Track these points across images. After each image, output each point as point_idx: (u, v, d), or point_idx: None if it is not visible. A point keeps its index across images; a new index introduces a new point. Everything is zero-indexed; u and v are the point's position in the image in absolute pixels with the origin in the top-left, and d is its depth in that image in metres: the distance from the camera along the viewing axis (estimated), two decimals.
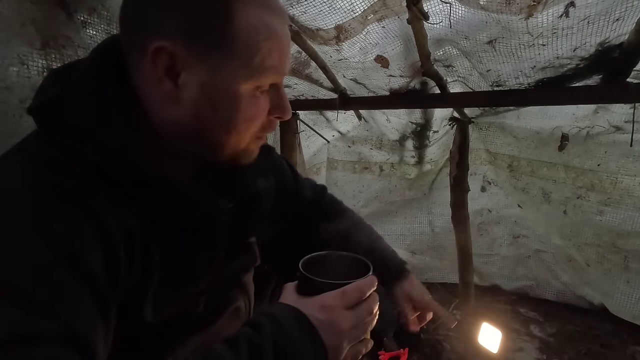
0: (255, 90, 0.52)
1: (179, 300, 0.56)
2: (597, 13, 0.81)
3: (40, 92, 0.53)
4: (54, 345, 0.36)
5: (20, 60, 0.74)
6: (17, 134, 0.74)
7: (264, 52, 0.50)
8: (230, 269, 0.66)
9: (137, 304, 0.50)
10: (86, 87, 0.49)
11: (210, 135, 0.53)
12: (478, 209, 1.78)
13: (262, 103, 0.54)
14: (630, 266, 1.40)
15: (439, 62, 1.14)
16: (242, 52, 0.49)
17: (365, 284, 0.54)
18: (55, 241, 0.41)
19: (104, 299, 0.43)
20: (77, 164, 0.46)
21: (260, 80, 0.52)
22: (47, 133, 0.49)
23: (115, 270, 0.45)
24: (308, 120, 1.82)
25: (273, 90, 0.55)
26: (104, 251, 0.44)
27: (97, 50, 0.54)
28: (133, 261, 0.48)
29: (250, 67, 0.50)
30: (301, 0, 0.93)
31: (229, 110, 0.51)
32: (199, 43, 0.48)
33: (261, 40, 0.49)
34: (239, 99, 0.51)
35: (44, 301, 0.37)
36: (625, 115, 1.26)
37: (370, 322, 0.54)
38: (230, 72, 0.50)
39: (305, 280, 0.55)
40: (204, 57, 0.49)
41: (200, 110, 0.51)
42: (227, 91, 0.50)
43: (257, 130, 0.56)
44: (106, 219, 0.45)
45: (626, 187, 1.32)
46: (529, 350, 1.39)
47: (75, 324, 0.38)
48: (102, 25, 0.89)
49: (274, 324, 0.48)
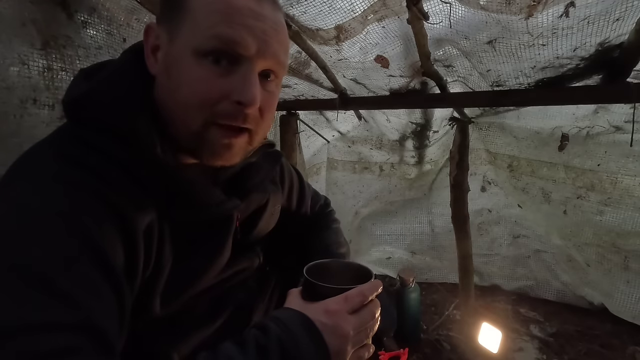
0: (201, 57, 0.50)
1: (186, 295, 0.58)
2: (597, 13, 0.81)
3: (71, 87, 0.55)
4: (71, 334, 0.37)
5: (21, 60, 0.74)
6: (17, 134, 0.75)
7: (213, 19, 0.49)
8: (235, 269, 0.67)
9: (147, 297, 0.51)
10: (114, 86, 0.52)
11: (168, 111, 0.53)
12: (478, 209, 1.78)
13: (210, 74, 0.50)
14: (630, 266, 1.40)
15: (439, 62, 1.14)
16: (194, 18, 0.50)
17: (367, 289, 0.55)
18: (82, 234, 0.42)
19: (122, 293, 0.44)
20: (103, 160, 0.48)
21: (203, 44, 0.49)
22: (74, 128, 0.51)
23: (134, 266, 0.48)
24: (308, 120, 1.82)
25: (236, 71, 0.51)
26: (125, 247, 0.46)
27: (127, 51, 0.58)
28: (149, 256, 0.50)
29: (194, 29, 0.50)
30: (301, 0, 0.93)
31: (177, 78, 0.51)
32: (167, 16, 0.53)
33: (214, 9, 0.50)
34: (185, 64, 0.50)
35: (66, 291, 0.39)
36: (625, 115, 1.26)
37: (373, 326, 0.55)
38: (181, 37, 0.51)
39: (310, 286, 0.56)
40: (167, 28, 0.52)
41: (161, 80, 0.54)
42: (177, 57, 0.51)
43: (211, 113, 0.51)
44: (128, 216, 0.47)
45: (626, 187, 1.32)
46: (529, 350, 1.39)
47: (94, 315, 0.40)
48: (103, 25, 0.89)
49: (280, 328, 0.49)
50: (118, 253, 0.45)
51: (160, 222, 0.52)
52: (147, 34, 0.54)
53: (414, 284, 1.40)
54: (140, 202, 0.49)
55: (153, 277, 0.52)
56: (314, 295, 0.55)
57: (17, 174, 0.47)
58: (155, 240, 0.51)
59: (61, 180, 0.45)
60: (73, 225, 0.42)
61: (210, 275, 0.61)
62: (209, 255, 0.60)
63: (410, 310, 1.39)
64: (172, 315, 0.56)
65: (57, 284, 0.39)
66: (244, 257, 0.70)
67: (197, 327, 0.61)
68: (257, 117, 0.54)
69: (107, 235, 0.44)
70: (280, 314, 0.52)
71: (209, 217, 0.58)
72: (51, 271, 0.39)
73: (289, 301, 0.57)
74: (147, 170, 0.50)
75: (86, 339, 0.38)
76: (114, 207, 0.46)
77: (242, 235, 0.68)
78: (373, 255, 2.02)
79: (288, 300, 0.57)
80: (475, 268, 1.69)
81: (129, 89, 0.52)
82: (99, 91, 0.51)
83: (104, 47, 0.89)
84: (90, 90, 0.51)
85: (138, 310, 0.49)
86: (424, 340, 1.44)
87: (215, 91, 0.50)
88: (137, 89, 0.53)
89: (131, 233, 0.47)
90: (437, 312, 1.65)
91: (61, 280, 0.39)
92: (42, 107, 0.78)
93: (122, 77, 0.53)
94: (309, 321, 0.50)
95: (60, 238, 0.41)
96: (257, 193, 0.70)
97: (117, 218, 0.46)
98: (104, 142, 0.49)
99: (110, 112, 0.50)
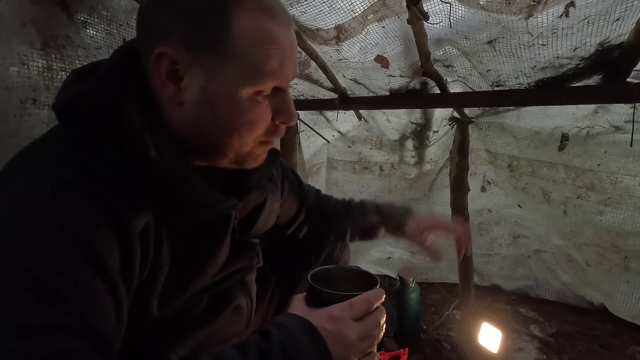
0: (255, 95, 0.52)
1: (184, 296, 0.57)
2: (597, 13, 0.81)
3: (62, 90, 0.55)
4: (70, 337, 0.37)
5: (21, 60, 0.74)
6: (17, 134, 0.75)
7: (261, 57, 0.50)
8: (233, 268, 0.67)
9: (145, 299, 0.51)
10: (105, 87, 0.51)
11: (212, 137, 0.54)
12: (478, 209, 1.78)
13: (264, 108, 0.54)
14: (630, 266, 1.40)
15: (439, 62, 1.14)
16: (239, 57, 0.50)
17: (372, 296, 0.54)
18: (77, 237, 0.42)
19: (120, 295, 0.44)
20: (97, 163, 0.47)
21: (259, 85, 0.52)
22: (67, 130, 0.51)
23: (131, 268, 0.47)
24: (308, 120, 1.82)
25: (277, 95, 0.55)
26: (121, 250, 0.46)
27: (117, 52, 0.57)
28: (146, 258, 0.50)
29: (247, 71, 0.50)
30: (301, 0, 0.93)
31: (229, 114, 0.52)
32: (198, 48, 0.50)
33: (258, 45, 0.50)
34: (237, 102, 0.52)
35: (64, 294, 0.39)
36: (625, 115, 1.25)
37: (378, 334, 0.54)
38: (227, 76, 0.50)
39: (314, 292, 0.56)
40: (203, 61, 0.50)
41: (201, 113, 0.53)
42: (226, 95, 0.51)
43: (261, 135, 0.56)
44: (124, 219, 0.46)
45: (626, 187, 1.32)
46: (529, 350, 1.39)
47: (92, 318, 0.40)
48: (102, 25, 0.89)
49: (283, 333, 0.49)
50: (114, 255, 0.45)
51: (156, 224, 0.51)
52: (160, 61, 0.50)
53: (414, 284, 1.40)
54: (136, 204, 0.48)
55: (150, 280, 0.51)
56: (319, 302, 0.55)
57: (9, 177, 0.47)
58: (152, 242, 0.51)
59: (54, 182, 0.45)
60: (67, 227, 0.42)
61: (209, 275, 0.60)
62: (207, 255, 0.60)
63: (410, 310, 1.39)
64: (170, 316, 0.56)
65: (54, 286, 0.38)
66: (242, 256, 0.69)
67: (195, 327, 0.60)
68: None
69: (102, 237, 0.44)
70: (282, 319, 0.52)
71: (207, 217, 0.58)
72: (47, 274, 0.39)
73: (292, 307, 0.57)
74: (142, 172, 0.50)
75: (84, 340, 0.38)
76: (108, 209, 0.45)
77: (240, 234, 0.68)
78: (373, 255, 2.02)
79: (292, 306, 0.57)
80: (475, 268, 1.69)
81: (123, 91, 0.51)
82: (91, 93, 0.51)
83: (104, 47, 0.89)
84: (83, 91, 0.51)
85: (135, 312, 0.49)
86: (424, 340, 1.44)
87: (267, 119, 0.55)
88: (130, 90, 0.52)
89: (127, 235, 0.46)
90: (437, 312, 1.65)
91: (57, 283, 0.39)
92: (41, 107, 0.78)
93: (116, 78, 0.52)
94: (312, 327, 0.50)
95: (55, 240, 0.41)
96: (255, 192, 0.70)
97: (112, 220, 0.45)
98: (97, 144, 0.48)
99: (102, 115, 0.49)
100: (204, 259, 0.59)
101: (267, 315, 0.89)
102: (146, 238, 0.50)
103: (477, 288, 1.70)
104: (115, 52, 0.56)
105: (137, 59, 0.54)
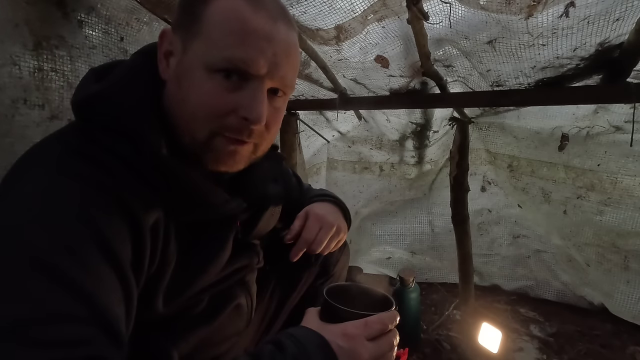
0: (214, 73, 0.51)
1: (188, 292, 0.58)
2: (597, 13, 0.81)
3: (80, 87, 0.56)
4: (84, 325, 0.38)
5: (12, 61, 0.75)
6: (10, 133, 0.75)
7: (223, 34, 0.51)
8: (234, 267, 0.68)
9: (151, 295, 0.52)
10: (126, 87, 0.53)
11: (175, 115, 0.55)
12: (478, 209, 1.78)
13: (222, 91, 0.52)
14: (630, 266, 1.40)
15: (439, 62, 1.14)
16: (206, 32, 0.51)
17: (388, 317, 0.55)
18: (94, 229, 0.43)
19: (130, 288, 0.45)
20: (112, 158, 0.48)
21: (217, 62, 0.51)
22: (84, 125, 0.52)
23: (141, 262, 0.48)
24: (308, 120, 1.81)
25: (246, 88, 0.52)
26: (133, 243, 0.47)
27: (138, 53, 0.59)
28: (154, 254, 0.51)
29: (207, 46, 0.51)
30: (301, 0, 0.93)
31: (187, 89, 0.53)
32: (182, 26, 0.54)
33: (224, 23, 0.51)
34: (197, 77, 0.52)
35: (79, 283, 0.39)
36: (625, 115, 1.25)
37: (390, 357, 0.54)
38: (193, 50, 0.52)
39: (329, 308, 0.56)
40: (182, 37, 0.53)
41: (172, 89, 0.55)
42: (189, 69, 0.52)
43: (218, 124, 0.53)
44: (137, 213, 0.47)
45: (626, 187, 1.32)
46: (529, 350, 1.39)
47: (105, 308, 0.40)
48: (101, 24, 0.88)
49: (297, 346, 0.49)
50: (126, 248, 0.46)
51: (166, 221, 0.52)
52: (162, 39, 0.56)
53: (414, 284, 1.40)
54: (148, 199, 0.50)
55: (157, 275, 0.52)
56: (333, 318, 0.55)
57: (25, 169, 0.48)
58: (161, 238, 0.52)
59: (70, 174, 0.46)
60: (83, 219, 0.43)
61: (212, 273, 0.61)
62: (211, 254, 0.61)
63: (410, 310, 1.39)
64: (172, 314, 0.57)
65: (69, 276, 0.39)
66: (243, 256, 0.70)
67: (196, 325, 0.61)
68: (262, 132, 0.56)
69: (116, 230, 0.45)
70: (297, 332, 0.52)
71: (214, 216, 0.59)
72: (63, 263, 0.40)
73: (306, 319, 0.57)
74: (153, 170, 0.51)
75: (98, 329, 0.39)
76: (122, 203, 0.46)
77: (242, 234, 0.69)
78: (373, 255, 2.02)
79: (305, 319, 0.57)
80: (475, 268, 1.69)
81: (139, 91, 0.53)
82: (111, 92, 0.52)
83: (98, 46, 0.89)
84: (102, 90, 0.52)
85: (141, 308, 0.50)
86: (424, 340, 1.44)
87: (223, 105, 0.52)
88: (147, 91, 0.54)
89: (139, 229, 0.47)
90: (437, 312, 1.65)
91: (72, 273, 0.39)
92: (32, 107, 0.79)
93: (134, 79, 0.54)
94: (326, 343, 0.50)
95: (72, 231, 0.42)
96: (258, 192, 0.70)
97: (125, 213, 0.46)
98: (112, 140, 0.49)
99: (120, 113, 0.51)
100: (209, 257, 0.60)
101: (267, 315, 0.89)
102: (156, 233, 0.51)
103: (477, 288, 1.70)
104: (136, 54, 0.60)
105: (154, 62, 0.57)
